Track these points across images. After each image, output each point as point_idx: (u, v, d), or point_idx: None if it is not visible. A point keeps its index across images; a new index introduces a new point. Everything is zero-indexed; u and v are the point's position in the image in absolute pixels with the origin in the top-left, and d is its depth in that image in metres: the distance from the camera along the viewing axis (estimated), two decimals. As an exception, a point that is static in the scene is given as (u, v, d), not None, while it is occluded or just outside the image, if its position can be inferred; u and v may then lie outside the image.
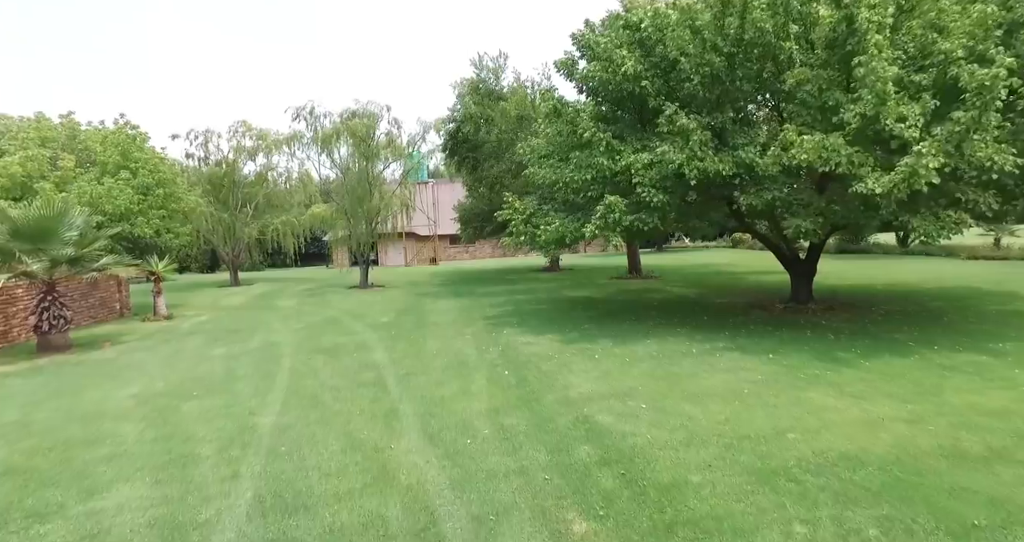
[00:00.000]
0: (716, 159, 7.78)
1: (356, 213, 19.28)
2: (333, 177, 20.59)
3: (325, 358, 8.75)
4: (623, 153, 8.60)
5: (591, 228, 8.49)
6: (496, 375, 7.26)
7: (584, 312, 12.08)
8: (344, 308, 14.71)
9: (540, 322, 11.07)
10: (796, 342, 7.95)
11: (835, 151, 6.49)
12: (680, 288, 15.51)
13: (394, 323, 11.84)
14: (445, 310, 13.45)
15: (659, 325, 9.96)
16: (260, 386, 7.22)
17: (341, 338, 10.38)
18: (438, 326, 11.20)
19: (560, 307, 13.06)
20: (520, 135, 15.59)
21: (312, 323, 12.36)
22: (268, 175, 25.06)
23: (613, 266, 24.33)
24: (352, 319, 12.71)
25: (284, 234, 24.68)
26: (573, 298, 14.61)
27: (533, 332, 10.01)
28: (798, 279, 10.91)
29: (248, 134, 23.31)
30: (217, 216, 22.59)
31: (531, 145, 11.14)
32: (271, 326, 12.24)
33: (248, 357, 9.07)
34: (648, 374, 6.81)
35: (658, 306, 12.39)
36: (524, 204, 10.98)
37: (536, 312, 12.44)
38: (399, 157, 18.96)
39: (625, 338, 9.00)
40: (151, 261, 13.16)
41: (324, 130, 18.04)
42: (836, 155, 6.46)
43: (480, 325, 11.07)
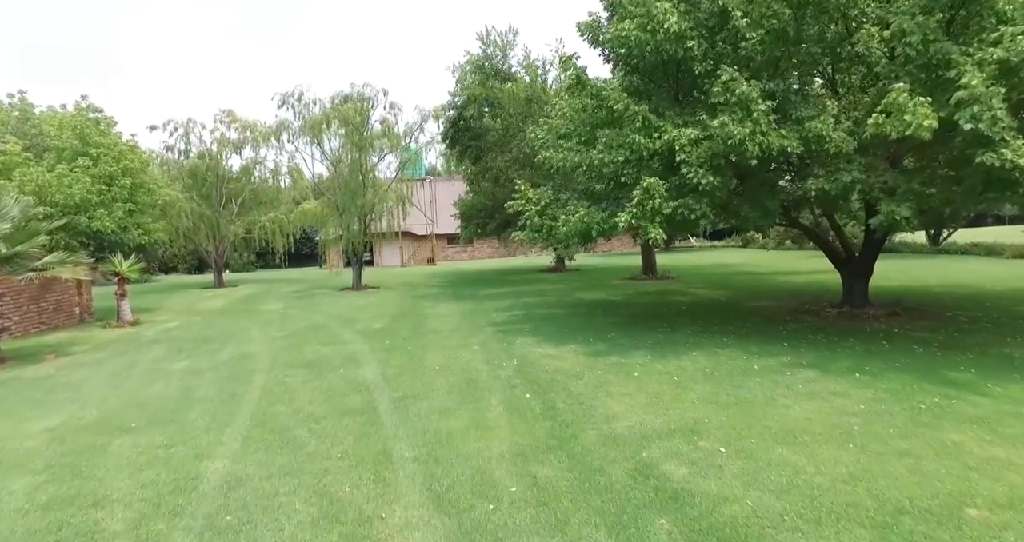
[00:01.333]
0: (780, 133, 6.37)
1: (349, 209, 17.79)
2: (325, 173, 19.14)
3: (306, 375, 7.28)
4: (663, 129, 7.18)
5: (626, 217, 7.06)
6: (515, 400, 5.82)
7: (605, 317, 10.65)
8: (333, 312, 13.23)
9: (557, 329, 9.63)
10: (880, 357, 6.53)
11: (979, 109, 4.90)
12: (705, 290, 14.10)
13: (388, 330, 10.38)
14: (446, 315, 12.00)
15: (699, 333, 8.54)
16: (219, 414, 5.75)
17: (327, 349, 8.91)
18: (439, 334, 9.75)
19: (576, 312, 11.63)
20: (529, 121, 14.17)
21: (296, 330, 10.88)
22: (255, 169, 23.53)
23: (624, 266, 22.92)
24: (341, 325, 11.24)
25: (272, 232, 23.12)
26: (588, 301, 13.18)
27: (551, 342, 8.57)
28: (852, 280, 9.52)
29: (233, 125, 21.78)
30: (199, 212, 21.04)
31: (548, 125, 9.69)
32: (248, 334, 10.75)
33: (213, 373, 7.59)
34: (710, 399, 5.38)
35: (688, 311, 10.97)
36: (538, 194, 9.55)
37: (550, 317, 11.00)
38: (395, 148, 17.50)
39: (664, 350, 7.58)
40: (114, 260, 11.66)
41: (313, 116, 16.55)
42: (977, 115, 4.91)
43: (488, 333, 9.63)
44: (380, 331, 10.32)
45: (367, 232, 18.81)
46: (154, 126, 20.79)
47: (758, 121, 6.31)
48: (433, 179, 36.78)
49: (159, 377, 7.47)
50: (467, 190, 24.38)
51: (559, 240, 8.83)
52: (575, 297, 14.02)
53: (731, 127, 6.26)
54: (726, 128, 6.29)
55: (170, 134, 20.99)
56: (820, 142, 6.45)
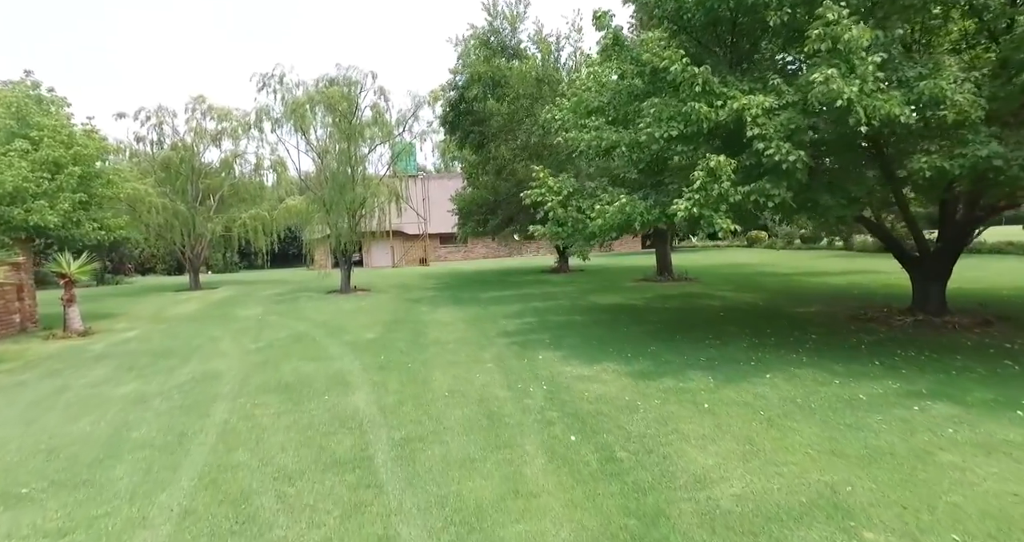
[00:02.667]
0: (889, 96, 4.98)
1: (337, 205, 16.19)
2: (311, 167, 17.48)
3: (281, 404, 5.76)
4: (727, 96, 5.77)
5: (685, 205, 5.62)
6: (558, 444, 4.36)
7: (634, 326, 9.22)
8: (318, 319, 11.67)
9: (582, 341, 8.18)
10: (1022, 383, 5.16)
11: None
12: (733, 293, 12.74)
13: (383, 342, 8.86)
14: (448, 322, 10.50)
15: (757, 348, 7.14)
16: (156, 469, 4.22)
17: (309, 366, 7.38)
18: (443, 347, 8.26)
19: (597, 319, 10.19)
20: (540, 104, 12.69)
21: (274, 341, 9.32)
22: (235, 162, 21.83)
23: (632, 267, 21.56)
24: (327, 335, 9.70)
25: (254, 231, 21.43)
26: (607, 306, 11.75)
27: (581, 358, 7.12)
28: (926, 283, 8.19)
29: (209, 114, 20.07)
30: (173, 208, 19.31)
31: (569, 102, 8.24)
32: (218, 346, 9.17)
33: (164, 402, 6.03)
34: (830, 449, 3.96)
35: (728, 318, 9.58)
36: (559, 181, 8.11)
37: (570, 326, 9.54)
38: (387, 138, 15.95)
39: (726, 370, 6.16)
40: (59, 259, 10.01)
41: (296, 99, 14.93)
42: None
43: (501, 345, 8.15)
44: (373, 343, 8.80)
45: (357, 230, 17.24)
46: (122, 114, 19.04)
47: (865, 79, 4.91)
48: (426, 176, 35.22)
49: (91, 408, 5.89)
50: (464, 185, 22.91)
51: (590, 234, 7.40)
52: (590, 301, 12.59)
53: (838, 83, 4.83)
54: (831, 85, 4.86)
55: (141, 123, 19.25)
56: (936, 106, 5.06)
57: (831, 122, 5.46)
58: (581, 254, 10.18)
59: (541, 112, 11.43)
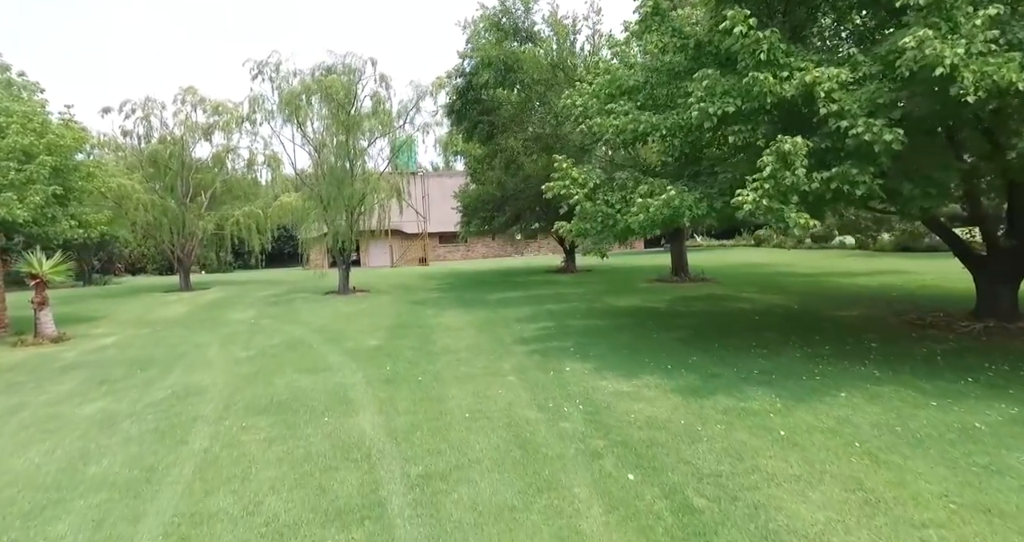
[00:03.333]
0: (1007, 58, 4.15)
1: (334, 202, 15.29)
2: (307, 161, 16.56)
3: (272, 428, 4.89)
4: (793, 66, 4.93)
5: (752, 197, 4.78)
6: (615, 487, 3.52)
7: (664, 332, 8.37)
8: (316, 323, 10.79)
9: (611, 350, 7.33)
10: None
11: None
12: (761, 295, 11.91)
13: (387, 349, 7.99)
14: (457, 327, 9.64)
15: (813, 358, 6.30)
16: (109, 523, 3.35)
17: (306, 379, 6.51)
18: (455, 356, 7.40)
19: (620, 323, 9.34)
20: (554, 91, 11.80)
21: (267, 349, 8.44)
22: (227, 157, 20.87)
23: (643, 267, 20.74)
24: (326, 342, 8.83)
25: (247, 229, 20.47)
26: (627, 309, 10.91)
27: (614, 370, 6.27)
28: (995, 285, 7.38)
29: (200, 106, 19.12)
30: (161, 205, 18.35)
31: (594, 85, 7.40)
32: (205, 354, 8.28)
33: (134, 425, 5.15)
34: (982, 505, 3.13)
35: (765, 323, 8.75)
36: (584, 173, 7.28)
37: (592, 332, 8.70)
38: (387, 130, 15.06)
39: (788, 386, 5.32)
40: (29, 258, 9.10)
41: (291, 89, 14.01)
42: None
43: (520, 354, 7.30)
44: (376, 351, 7.93)
45: (355, 229, 16.33)
46: (107, 108, 18.03)
47: (972, 38, 4.08)
48: (425, 173, 34.31)
49: (47, 433, 5.00)
50: (467, 181, 22.04)
51: (623, 232, 6.56)
52: (606, 304, 11.74)
53: (936, 46, 4.00)
54: (927, 49, 4.03)
55: (126, 116, 18.27)
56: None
57: (922, 95, 4.61)
58: (599, 253, 9.35)
59: (556, 99, 10.59)
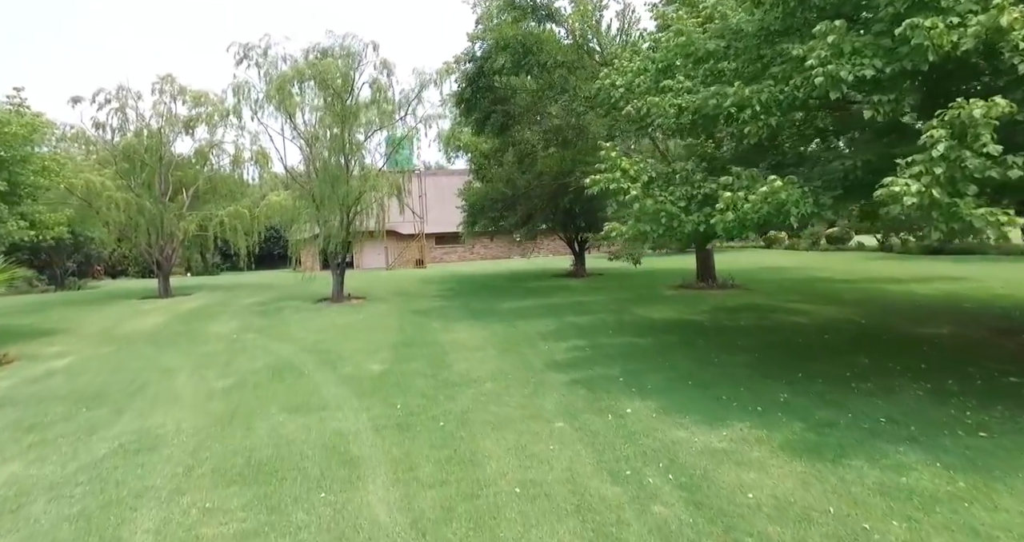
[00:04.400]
0: None
1: (328, 200, 13.83)
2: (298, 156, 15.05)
3: (247, 512, 3.51)
4: (962, 9, 3.63)
5: (915, 187, 3.45)
6: None
7: (725, 354, 7.05)
8: (307, 339, 9.37)
9: (669, 380, 5.99)
10: None
11: None
12: (811, 305, 10.63)
13: (395, 378, 6.61)
14: (473, 346, 8.27)
15: (947, 399, 5.01)
16: None
17: (295, 424, 5.11)
18: (479, 388, 6.03)
19: (666, 342, 8.00)
20: (577, 76, 10.42)
21: (247, 376, 7.01)
22: (211, 153, 19.32)
23: (658, 271, 19.44)
24: (319, 365, 7.42)
25: (232, 229, 18.94)
26: (665, 324, 9.58)
27: (686, 410, 4.94)
28: None
29: (181, 97, 17.56)
30: (137, 204, 16.77)
31: (681, 40, 5.99)
32: (171, 384, 6.84)
33: (51, 508, 3.74)
34: None
35: (839, 344, 7.47)
36: (634, 163, 5.97)
37: (635, 354, 7.36)
38: (387, 122, 13.64)
39: (942, 444, 4.02)
40: (-38, 266, 7.65)
41: (282, 73, 12.53)
42: None
43: (559, 387, 5.95)
44: (382, 379, 6.54)
45: (351, 229, 14.89)
46: (77, 98, 16.39)
47: None
48: (423, 171, 32.84)
49: (-72, 524, 3.56)
50: (470, 179, 20.65)
51: (696, 234, 5.24)
52: (637, 316, 10.41)
53: None
54: None
55: (99, 107, 16.65)
56: None
57: None
58: (632, 259, 7.98)
59: (582, 85, 9.27)
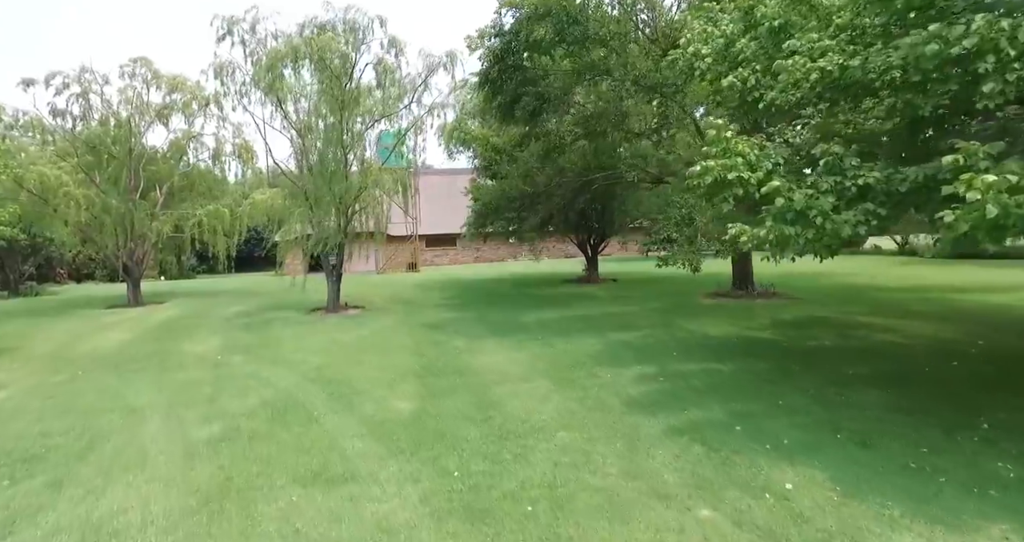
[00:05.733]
0: None
1: (323, 198, 12.18)
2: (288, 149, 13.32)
3: None
4: None
5: None
6: None
7: (844, 389, 5.67)
8: (309, 363, 7.77)
9: (806, 431, 4.60)
10: None
11: None
12: (884, 319, 9.37)
13: (433, 422, 5.08)
14: (515, 373, 6.78)
15: None
16: None
17: (316, 506, 3.56)
18: (552, 441, 4.54)
19: (756, 370, 6.61)
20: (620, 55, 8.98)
21: (240, 421, 5.41)
22: (188, 146, 17.45)
23: (675, 276, 18.11)
24: (331, 404, 5.85)
25: (212, 230, 17.09)
26: (733, 342, 8.22)
27: (882, 493, 3.55)
28: None
29: (154, 82, 15.69)
30: (102, 201, 14.84)
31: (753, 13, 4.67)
32: (137, 435, 5.20)
33: None
34: None
35: (981, 373, 6.17)
36: (754, 145, 4.64)
37: (729, 387, 5.95)
38: (394, 109, 12.03)
39: None
40: None
41: (274, 49, 10.84)
42: None
43: (661, 440, 4.51)
44: (416, 425, 5.01)
45: (347, 231, 13.26)
46: (31, 80, 14.38)
47: None
48: (418, 169, 31.14)
49: None
50: (473, 177, 19.14)
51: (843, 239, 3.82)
52: (690, 331, 9.02)
53: None
54: None
55: (56, 91, 14.67)
56: None
57: None
58: (690, 263, 6.68)
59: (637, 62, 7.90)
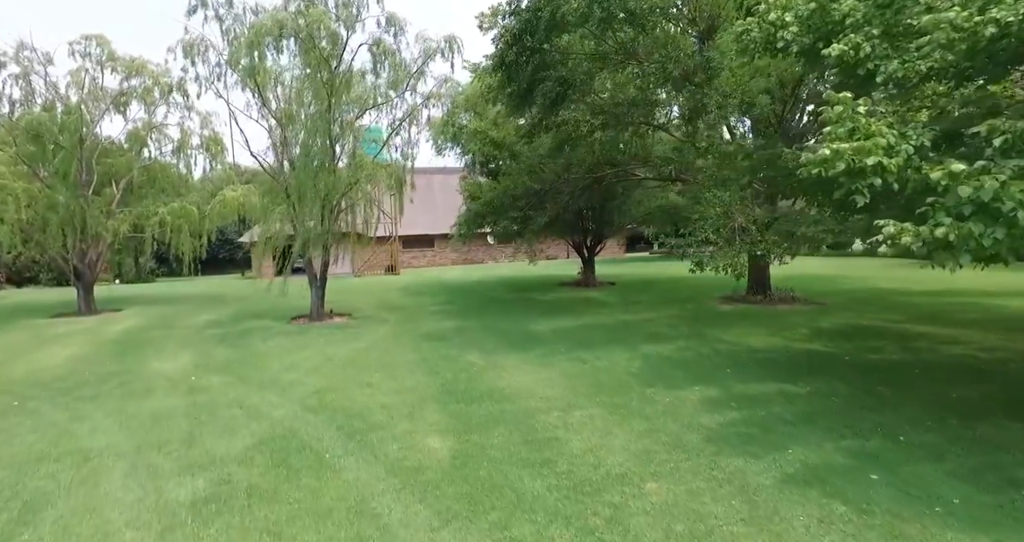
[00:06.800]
0: None
1: (306, 195, 10.88)
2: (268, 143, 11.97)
3: None
4: None
5: None
6: None
7: (973, 421, 4.91)
8: (304, 386, 6.58)
9: (961, 481, 3.77)
10: None
11: None
12: (935, 328, 8.77)
13: (483, 468, 4.04)
14: (558, 400, 5.80)
15: None
16: None
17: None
18: (638, 495, 3.58)
19: (832, 393, 5.80)
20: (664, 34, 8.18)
21: (230, 468, 4.24)
22: (149, 137, 15.76)
23: (676, 279, 17.46)
24: (345, 442, 4.73)
25: (176, 230, 15.46)
26: (780, 357, 7.43)
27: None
28: None
29: (110, 64, 14.02)
30: (47, 198, 13.11)
31: None
32: (95, 495, 3.97)
33: None
34: None
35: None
36: (893, 125, 3.80)
37: (821, 417, 5.11)
38: (390, 96, 10.84)
39: None
40: None
41: (256, 23, 9.49)
42: None
43: (783, 495, 3.60)
44: (463, 475, 3.96)
45: (333, 228, 12.00)
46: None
47: None
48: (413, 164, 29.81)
49: None
50: (463, 174, 18.07)
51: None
52: (731, 343, 8.21)
53: None
54: None
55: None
56: None
57: None
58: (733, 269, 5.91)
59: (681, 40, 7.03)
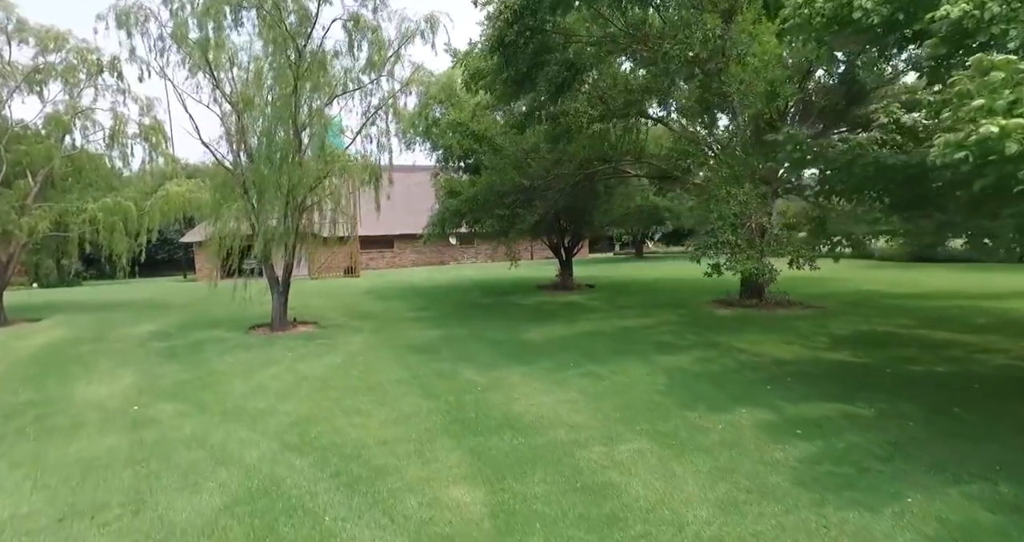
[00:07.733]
0: None
1: (268, 188, 9.56)
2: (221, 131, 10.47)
3: None
4: None
5: None
6: None
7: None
8: (279, 417, 5.46)
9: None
10: None
11: None
12: (957, 335, 8.53)
13: (527, 531, 3.16)
14: (590, 430, 5.00)
15: None
16: None
17: None
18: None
19: (903, 415, 5.27)
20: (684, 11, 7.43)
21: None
22: (73, 123, 13.77)
23: (657, 280, 17.12)
24: (343, 496, 3.73)
25: (109, 228, 13.56)
26: (812, 369, 6.92)
27: None
28: None
29: (20, 35, 12.07)
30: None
31: None
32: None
33: None
34: None
35: None
36: None
37: (909, 448, 4.54)
38: (369, 77, 9.63)
39: None
40: None
41: None
42: None
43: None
44: (531, 557, 3.06)
45: (297, 227, 10.73)
46: None
47: None
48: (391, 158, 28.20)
49: None
50: (436, 169, 17.01)
51: None
52: (752, 354, 7.65)
53: None
54: None
55: None
56: None
57: None
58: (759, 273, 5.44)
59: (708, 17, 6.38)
